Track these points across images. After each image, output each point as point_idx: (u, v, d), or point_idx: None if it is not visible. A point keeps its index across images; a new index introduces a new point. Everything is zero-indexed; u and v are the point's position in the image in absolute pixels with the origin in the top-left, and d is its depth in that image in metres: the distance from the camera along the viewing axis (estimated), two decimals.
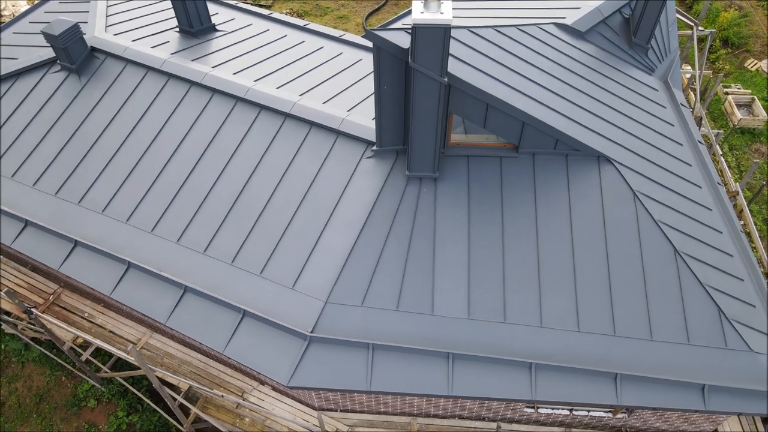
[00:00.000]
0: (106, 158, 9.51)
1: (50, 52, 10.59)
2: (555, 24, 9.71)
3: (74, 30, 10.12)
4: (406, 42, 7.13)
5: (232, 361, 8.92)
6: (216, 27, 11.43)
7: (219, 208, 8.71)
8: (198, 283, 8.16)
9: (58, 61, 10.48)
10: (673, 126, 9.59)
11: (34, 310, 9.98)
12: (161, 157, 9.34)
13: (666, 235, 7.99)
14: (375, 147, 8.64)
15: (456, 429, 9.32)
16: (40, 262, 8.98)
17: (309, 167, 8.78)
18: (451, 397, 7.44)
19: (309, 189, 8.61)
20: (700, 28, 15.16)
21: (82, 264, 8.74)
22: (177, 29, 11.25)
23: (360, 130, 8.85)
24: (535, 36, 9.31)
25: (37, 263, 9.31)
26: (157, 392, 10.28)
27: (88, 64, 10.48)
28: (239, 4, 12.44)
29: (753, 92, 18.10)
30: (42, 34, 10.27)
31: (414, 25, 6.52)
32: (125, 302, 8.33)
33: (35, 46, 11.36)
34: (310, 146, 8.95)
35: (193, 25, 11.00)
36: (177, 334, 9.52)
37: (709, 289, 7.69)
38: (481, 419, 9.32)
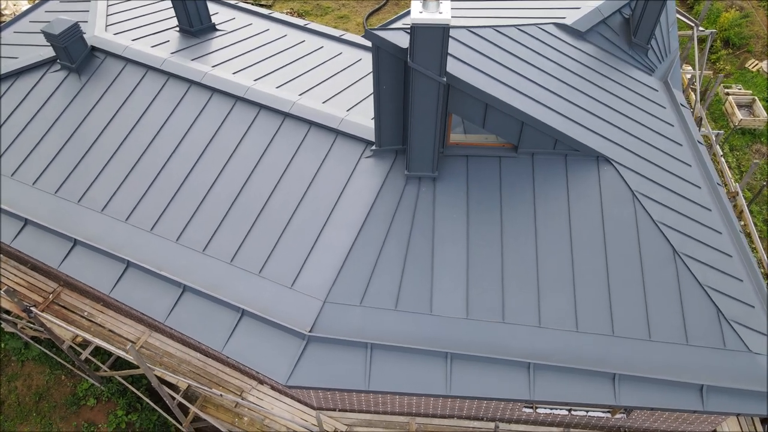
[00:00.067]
0: (106, 157, 9.52)
1: (50, 52, 10.60)
2: (555, 24, 9.71)
3: (74, 29, 10.13)
4: (405, 42, 7.13)
5: (231, 361, 8.93)
6: (216, 26, 11.44)
7: (218, 208, 8.72)
8: (197, 283, 8.17)
9: (58, 61, 10.49)
10: (673, 126, 9.58)
11: (34, 309, 9.99)
12: (161, 156, 9.35)
13: (665, 236, 7.98)
14: (374, 147, 8.64)
15: (454, 429, 9.32)
16: (40, 261, 9.00)
17: (308, 167, 8.78)
18: (450, 397, 7.44)
19: (308, 188, 8.61)
20: (701, 29, 15.14)
21: (82, 263, 8.75)
22: (177, 29, 11.26)
23: (359, 130, 8.85)
24: (535, 36, 9.31)
25: (37, 262, 9.33)
26: (157, 391, 10.29)
27: (88, 64, 10.49)
28: (239, 4, 12.45)
29: (754, 93, 18.09)
30: (42, 34, 10.29)
31: (413, 25, 6.52)
32: (124, 301, 8.34)
33: (36, 45, 11.38)
34: (310, 146, 8.96)
35: (193, 25, 11.01)
36: (176, 333, 9.53)
37: (708, 290, 7.68)
38: (480, 419, 9.32)
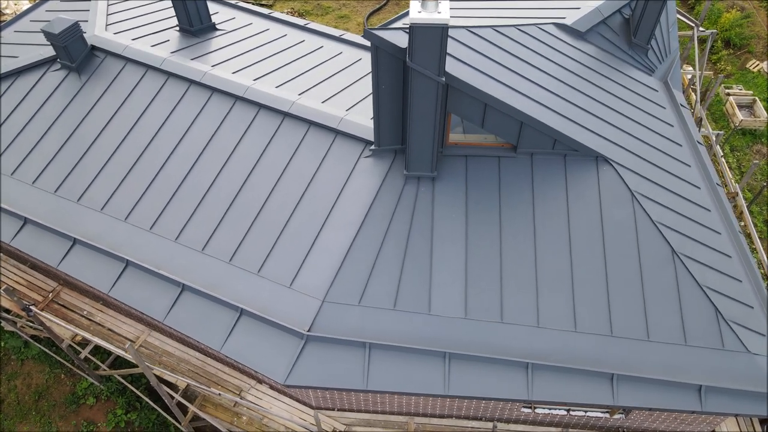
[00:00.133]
0: (105, 156, 9.53)
1: (50, 51, 10.61)
2: (555, 24, 9.70)
3: (74, 28, 10.14)
4: (404, 41, 7.13)
5: (230, 360, 8.93)
6: (216, 26, 11.45)
7: (217, 207, 8.73)
8: (196, 282, 8.18)
9: (58, 60, 10.50)
10: (673, 127, 9.57)
11: (33, 308, 10.00)
12: (160, 156, 9.36)
13: (664, 236, 7.98)
14: (373, 146, 8.64)
15: (453, 428, 9.32)
16: (39, 260, 9.01)
17: (307, 166, 8.79)
18: (448, 397, 7.45)
19: (307, 188, 8.62)
20: (701, 29, 15.13)
21: (81, 262, 8.76)
22: (177, 28, 11.27)
23: (358, 130, 8.85)
24: (535, 36, 9.30)
25: (36, 261, 9.34)
26: (156, 390, 10.30)
27: (88, 63, 10.51)
28: (239, 3, 12.46)
29: (754, 93, 18.06)
30: (42, 33, 10.30)
31: (411, 25, 6.53)
32: (123, 300, 8.35)
33: (36, 45, 11.39)
34: (309, 145, 8.96)
35: (193, 24, 11.02)
36: (175, 333, 9.54)
37: (707, 290, 7.68)
38: (479, 419, 9.32)
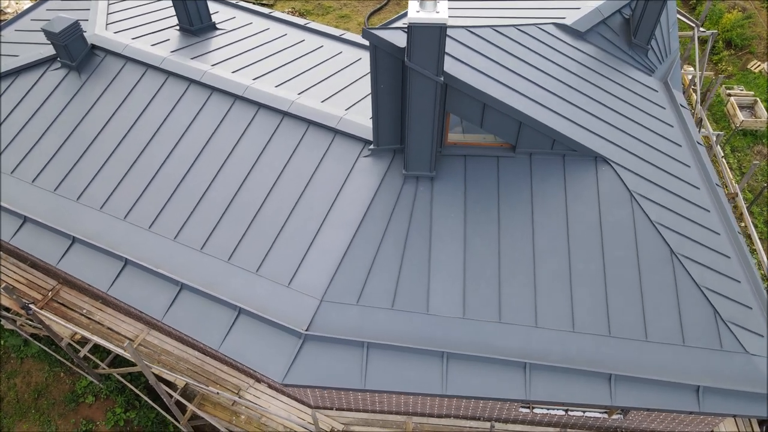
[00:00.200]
0: (105, 155, 9.55)
1: (51, 50, 10.62)
2: (554, 24, 9.69)
3: (74, 27, 10.16)
4: (403, 41, 7.13)
5: (228, 359, 8.94)
6: (216, 25, 11.46)
7: (216, 206, 8.73)
8: (194, 281, 8.18)
9: (59, 59, 10.52)
10: (672, 127, 9.56)
11: (33, 306, 10.02)
12: (159, 155, 9.37)
13: (662, 236, 7.97)
14: (372, 146, 8.64)
15: (451, 428, 9.32)
16: (39, 258, 9.03)
17: (306, 165, 8.79)
18: (446, 397, 7.44)
19: (306, 187, 8.62)
20: (701, 29, 15.11)
21: (80, 260, 8.77)
22: (177, 27, 11.28)
23: (357, 129, 8.85)
24: (534, 36, 9.30)
25: (36, 259, 9.35)
26: (155, 389, 10.31)
27: (88, 62, 10.52)
28: (240, 3, 12.47)
29: (756, 94, 18.04)
30: (43, 32, 10.32)
31: (410, 25, 6.53)
32: (122, 299, 8.36)
33: (36, 44, 11.41)
34: (308, 144, 8.97)
35: (193, 24, 11.03)
36: (174, 332, 9.55)
37: (705, 291, 7.67)
38: (477, 419, 9.31)
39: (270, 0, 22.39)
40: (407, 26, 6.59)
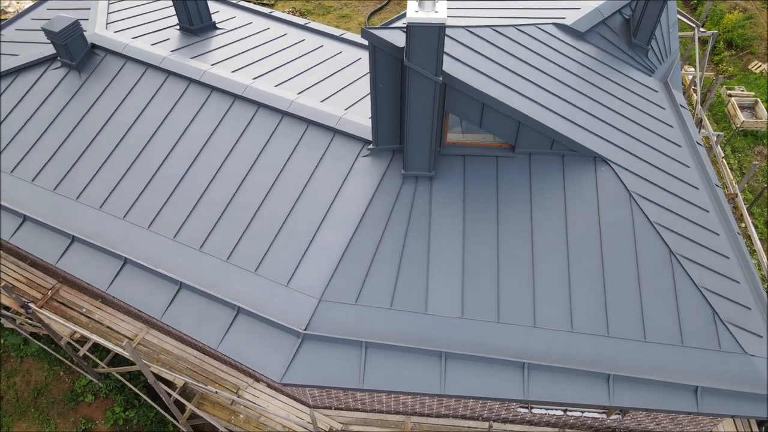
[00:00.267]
0: (105, 154, 9.56)
1: (51, 49, 10.64)
2: (554, 24, 9.69)
3: (74, 27, 10.17)
4: (402, 41, 7.13)
5: (227, 358, 8.94)
6: (216, 25, 11.47)
7: (215, 205, 8.74)
8: (193, 280, 8.18)
9: (59, 58, 10.53)
10: (672, 127, 9.56)
11: (32, 305, 10.04)
12: (159, 154, 9.38)
13: (661, 237, 7.96)
14: (371, 145, 8.65)
15: (450, 428, 9.32)
16: (38, 257, 9.04)
17: (305, 165, 8.80)
18: (444, 396, 7.44)
19: (305, 187, 8.62)
20: (702, 30, 15.10)
21: (79, 259, 8.78)
22: (177, 27, 11.29)
23: (357, 129, 8.86)
24: (534, 36, 9.29)
25: (36, 258, 9.36)
26: (154, 388, 10.32)
27: (89, 61, 10.53)
28: (240, 2, 12.48)
29: (756, 95, 18.02)
30: (43, 31, 10.33)
31: (408, 24, 6.53)
32: (121, 298, 8.37)
33: (37, 43, 11.42)
34: (307, 144, 8.97)
35: (194, 23, 11.04)
36: (173, 331, 9.55)
37: (704, 291, 7.66)
38: (475, 419, 9.31)
39: (271, 0, 22.40)
40: (406, 26, 6.59)
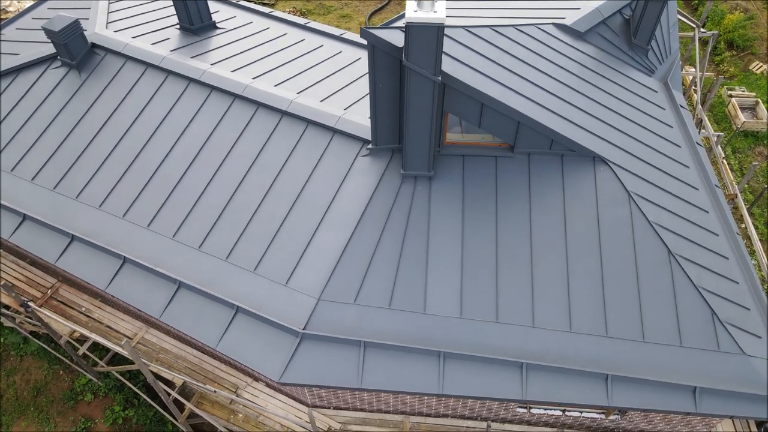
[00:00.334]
0: (104, 154, 9.57)
1: (51, 48, 10.65)
2: (554, 24, 9.69)
3: (75, 26, 10.18)
4: (401, 40, 7.13)
5: (226, 357, 8.95)
6: (216, 24, 11.48)
7: (214, 205, 8.75)
8: (192, 279, 8.19)
9: (59, 57, 10.54)
10: (672, 128, 9.55)
11: (32, 304, 10.05)
12: (159, 153, 9.38)
13: (660, 237, 7.96)
14: (370, 145, 8.65)
15: (448, 428, 9.32)
16: (38, 256, 9.05)
17: (304, 165, 8.80)
18: (443, 396, 7.44)
19: (304, 187, 8.63)
20: (702, 30, 15.09)
21: (79, 258, 8.79)
22: (177, 26, 11.30)
23: (356, 129, 8.86)
24: (534, 36, 9.29)
25: (35, 257, 9.38)
26: (153, 387, 10.33)
27: (89, 60, 10.54)
28: (240, 2, 12.48)
29: (757, 95, 18.00)
30: (43, 30, 10.34)
31: (407, 24, 6.53)
32: (120, 297, 8.38)
33: (37, 42, 11.44)
34: (306, 144, 8.98)
35: (194, 23, 11.05)
36: (172, 330, 9.56)
37: (703, 291, 7.65)
38: (474, 419, 9.31)
39: (272, 0, 22.41)
40: (405, 26, 6.59)
